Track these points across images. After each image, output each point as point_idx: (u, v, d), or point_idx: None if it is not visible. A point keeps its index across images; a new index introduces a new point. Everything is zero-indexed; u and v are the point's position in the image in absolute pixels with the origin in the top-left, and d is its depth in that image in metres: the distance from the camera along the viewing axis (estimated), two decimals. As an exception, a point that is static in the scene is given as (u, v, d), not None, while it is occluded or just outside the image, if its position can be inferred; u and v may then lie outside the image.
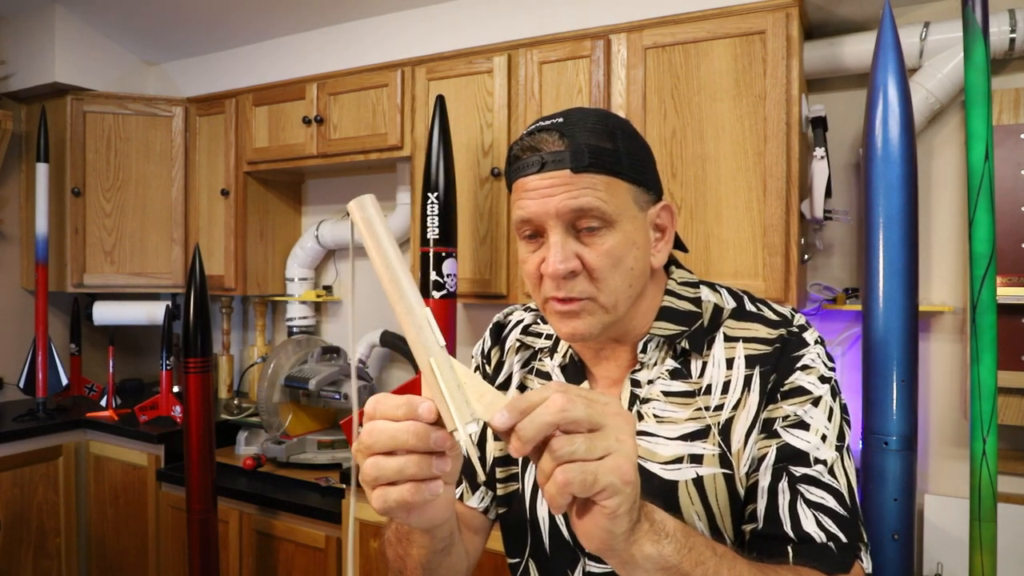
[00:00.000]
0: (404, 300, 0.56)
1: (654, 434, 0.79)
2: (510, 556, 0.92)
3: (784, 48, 1.69)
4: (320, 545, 2.00)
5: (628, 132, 0.79)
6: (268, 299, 2.89)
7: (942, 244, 1.86)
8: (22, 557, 2.41)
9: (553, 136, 0.75)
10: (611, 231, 0.75)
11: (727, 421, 0.78)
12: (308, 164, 2.48)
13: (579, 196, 0.73)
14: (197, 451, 1.97)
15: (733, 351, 0.80)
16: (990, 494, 1.29)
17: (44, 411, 2.54)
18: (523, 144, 0.78)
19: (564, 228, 0.75)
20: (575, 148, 0.74)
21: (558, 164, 0.74)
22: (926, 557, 1.76)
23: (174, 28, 2.61)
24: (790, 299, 1.70)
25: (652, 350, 0.82)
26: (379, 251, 0.55)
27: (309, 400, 2.23)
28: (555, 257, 0.74)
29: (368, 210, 0.56)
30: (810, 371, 0.78)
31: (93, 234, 2.66)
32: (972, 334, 1.32)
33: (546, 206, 0.74)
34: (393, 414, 0.55)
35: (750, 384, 0.78)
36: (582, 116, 0.77)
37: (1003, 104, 1.70)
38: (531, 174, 0.76)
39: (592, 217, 0.74)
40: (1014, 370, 1.66)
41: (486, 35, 2.12)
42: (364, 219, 0.56)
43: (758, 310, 0.83)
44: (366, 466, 0.55)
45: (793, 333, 0.80)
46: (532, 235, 0.78)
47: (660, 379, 0.81)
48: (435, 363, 0.54)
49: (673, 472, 0.78)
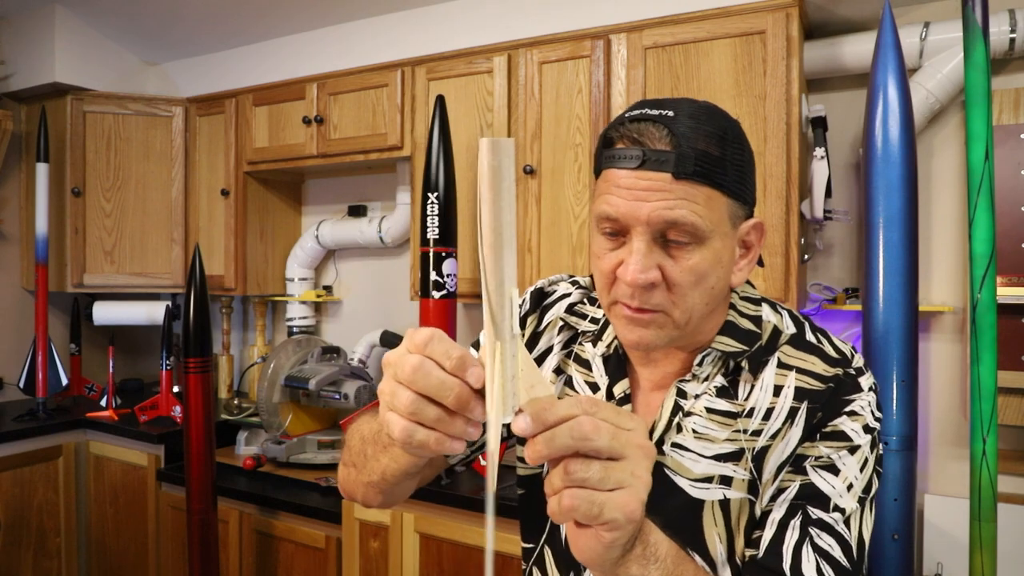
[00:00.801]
0: (499, 271, 0.49)
1: (689, 449, 0.77)
2: (525, 541, 0.90)
3: (784, 48, 1.69)
4: (320, 545, 2.00)
5: (738, 137, 0.73)
6: (268, 299, 2.89)
7: (942, 244, 1.86)
8: (22, 557, 2.41)
9: (660, 131, 0.68)
10: (700, 248, 0.69)
11: (763, 449, 0.75)
12: (308, 164, 2.48)
13: (675, 207, 0.67)
14: (197, 451, 1.97)
15: (784, 379, 0.76)
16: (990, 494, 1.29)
17: (44, 411, 2.54)
18: (624, 132, 0.71)
19: (651, 236, 0.69)
20: (681, 151, 0.67)
21: (660, 165, 0.67)
22: (926, 557, 1.76)
23: (174, 28, 2.61)
24: (790, 299, 1.70)
25: (707, 364, 0.79)
26: (495, 210, 0.48)
27: (309, 400, 2.23)
28: (636, 266, 0.68)
29: (502, 157, 0.47)
30: (856, 418, 0.74)
31: (93, 234, 2.66)
32: (972, 334, 1.32)
33: (638, 210, 0.68)
34: (443, 361, 0.52)
35: (794, 417, 0.75)
36: (693, 112, 0.70)
37: (1003, 104, 1.70)
38: (627, 168, 0.69)
39: (684, 232, 0.68)
40: (1014, 370, 1.66)
41: (486, 35, 2.12)
42: (494, 167, 0.47)
43: (818, 342, 0.79)
44: (407, 398, 0.52)
45: (850, 375, 0.76)
46: (613, 233, 0.72)
47: (706, 395, 0.78)
48: (499, 347, 0.50)
49: (701, 491, 0.76)
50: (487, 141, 0.47)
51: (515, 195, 0.49)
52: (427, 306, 1.98)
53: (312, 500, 2.04)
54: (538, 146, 1.99)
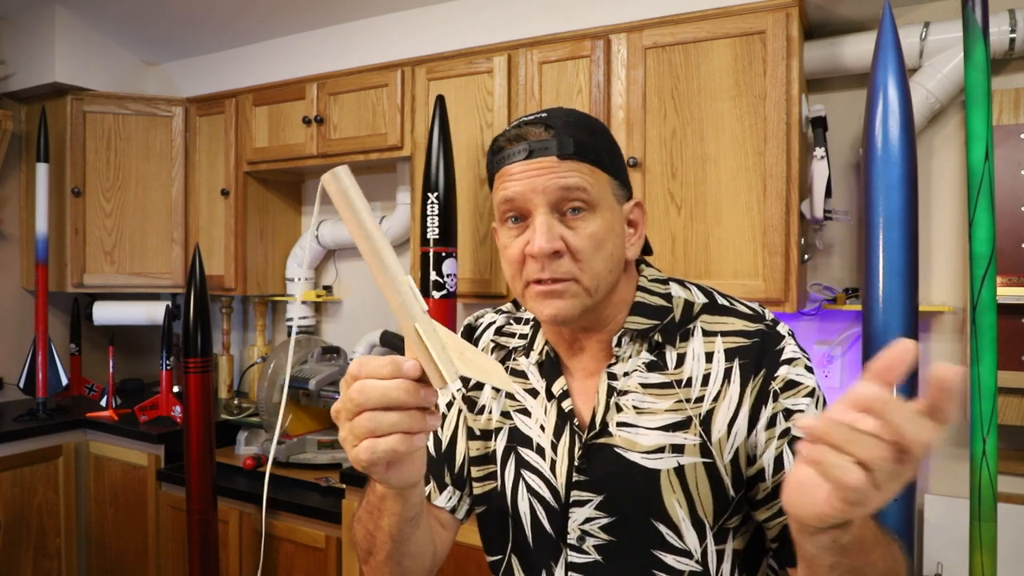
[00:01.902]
0: (386, 270, 0.56)
1: (634, 425, 0.81)
2: (491, 554, 0.92)
3: (784, 48, 1.69)
4: (320, 545, 2.00)
5: (605, 131, 0.84)
6: (268, 299, 2.89)
7: (942, 244, 1.86)
8: (22, 557, 2.41)
9: (538, 128, 0.78)
10: (594, 215, 0.78)
11: (708, 412, 0.80)
12: (308, 164, 2.48)
13: (566, 176, 0.76)
14: (197, 451, 1.97)
15: (712, 345, 0.82)
16: (990, 494, 1.29)
17: (44, 411, 2.54)
18: (508, 135, 0.80)
19: (549, 209, 0.77)
20: (560, 137, 0.77)
21: (544, 151, 0.77)
22: (926, 557, 1.76)
23: (174, 28, 2.61)
24: (790, 299, 1.70)
25: (627, 344, 0.84)
26: (356, 223, 0.55)
27: (309, 400, 2.23)
28: (541, 236, 0.75)
29: (343, 182, 0.54)
30: (796, 363, 0.80)
31: (93, 234, 2.66)
32: (972, 334, 1.32)
33: (532, 184, 0.77)
34: (379, 373, 0.57)
35: (730, 376, 0.81)
36: (563, 112, 0.81)
37: (1003, 104, 1.70)
38: (517, 160, 0.78)
39: (578, 199, 0.77)
40: (1014, 370, 1.66)
41: (486, 35, 2.12)
42: (339, 191, 0.54)
43: (730, 304, 0.86)
44: (361, 420, 0.57)
45: (769, 326, 0.83)
46: (516, 219, 0.80)
47: (637, 371, 0.83)
48: (419, 327, 0.56)
49: (655, 461, 0.80)
50: (326, 175, 0.54)
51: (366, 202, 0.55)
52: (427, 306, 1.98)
53: (312, 500, 2.04)
54: (538, 146, 1.99)
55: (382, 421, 0.56)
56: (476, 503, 0.93)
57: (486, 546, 0.93)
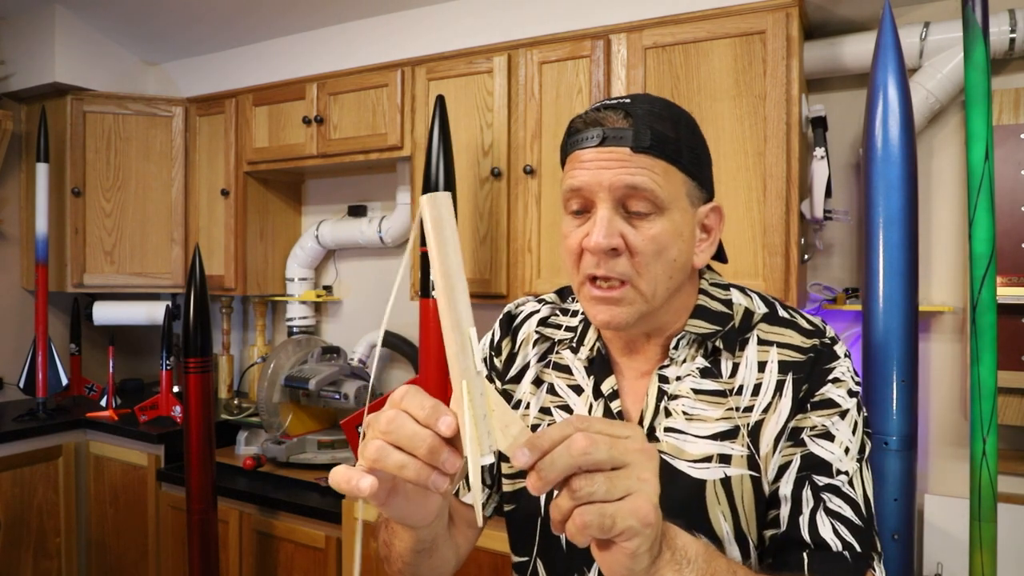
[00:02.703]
0: (454, 312, 0.53)
1: (683, 432, 0.79)
2: (517, 554, 0.90)
3: (784, 48, 1.69)
4: (320, 545, 2.00)
5: (691, 124, 0.78)
6: (268, 299, 2.89)
7: (942, 244, 1.86)
8: (22, 557, 2.41)
9: (618, 114, 0.74)
10: (660, 218, 0.74)
11: (757, 424, 0.78)
12: (308, 164, 2.48)
13: (636, 174, 0.72)
14: (197, 451, 1.97)
15: (767, 355, 0.80)
16: (990, 494, 1.29)
17: (44, 411, 2.54)
18: (586, 118, 0.77)
19: (613, 204, 0.73)
20: (638, 128, 0.73)
21: (619, 140, 0.73)
22: (926, 557, 1.76)
23: (174, 28, 2.61)
24: (790, 299, 1.70)
25: (684, 347, 0.81)
26: (442, 256, 0.52)
27: (309, 400, 2.23)
28: (600, 231, 0.72)
29: (441, 209, 0.52)
30: (840, 384, 0.78)
31: (93, 234, 2.66)
32: (972, 334, 1.32)
33: (599, 177, 0.73)
34: (417, 413, 0.54)
35: (782, 389, 0.78)
36: (649, 100, 0.76)
37: (1003, 104, 1.70)
38: (589, 147, 0.75)
39: (644, 200, 0.73)
40: (1014, 370, 1.66)
41: (486, 35, 2.12)
42: (435, 218, 0.52)
43: (791, 317, 0.83)
44: (375, 446, 0.55)
45: (826, 345, 0.80)
46: (579, 210, 0.77)
47: (690, 376, 0.80)
48: (466, 386, 0.53)
49: (701, 471, 0.77)
50: (426, 197, 0.52)
51: (459, 240, 0.54)
52: (427, 306, 1.98)
53: (312, 500, 2.04)
54: (538, 146, 2.00)
55: (389, 458, 0.54)
56: (506, 501, 0.90)
57: (513, 546, 0.91)
